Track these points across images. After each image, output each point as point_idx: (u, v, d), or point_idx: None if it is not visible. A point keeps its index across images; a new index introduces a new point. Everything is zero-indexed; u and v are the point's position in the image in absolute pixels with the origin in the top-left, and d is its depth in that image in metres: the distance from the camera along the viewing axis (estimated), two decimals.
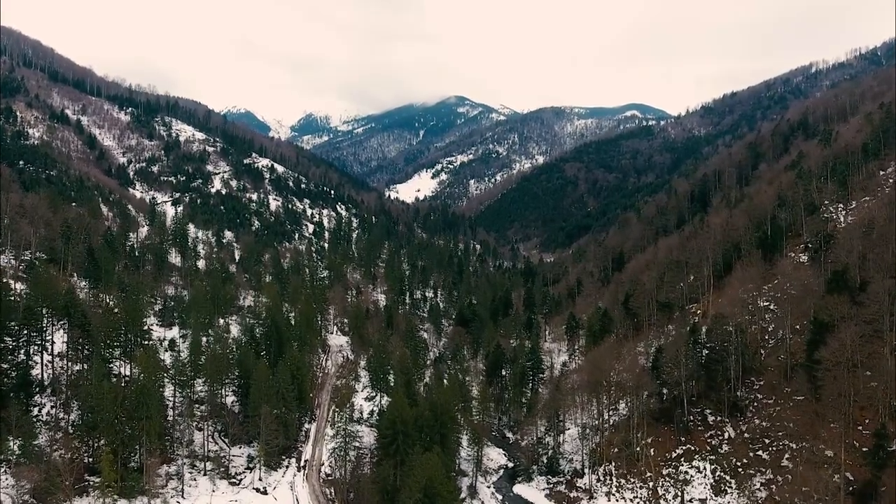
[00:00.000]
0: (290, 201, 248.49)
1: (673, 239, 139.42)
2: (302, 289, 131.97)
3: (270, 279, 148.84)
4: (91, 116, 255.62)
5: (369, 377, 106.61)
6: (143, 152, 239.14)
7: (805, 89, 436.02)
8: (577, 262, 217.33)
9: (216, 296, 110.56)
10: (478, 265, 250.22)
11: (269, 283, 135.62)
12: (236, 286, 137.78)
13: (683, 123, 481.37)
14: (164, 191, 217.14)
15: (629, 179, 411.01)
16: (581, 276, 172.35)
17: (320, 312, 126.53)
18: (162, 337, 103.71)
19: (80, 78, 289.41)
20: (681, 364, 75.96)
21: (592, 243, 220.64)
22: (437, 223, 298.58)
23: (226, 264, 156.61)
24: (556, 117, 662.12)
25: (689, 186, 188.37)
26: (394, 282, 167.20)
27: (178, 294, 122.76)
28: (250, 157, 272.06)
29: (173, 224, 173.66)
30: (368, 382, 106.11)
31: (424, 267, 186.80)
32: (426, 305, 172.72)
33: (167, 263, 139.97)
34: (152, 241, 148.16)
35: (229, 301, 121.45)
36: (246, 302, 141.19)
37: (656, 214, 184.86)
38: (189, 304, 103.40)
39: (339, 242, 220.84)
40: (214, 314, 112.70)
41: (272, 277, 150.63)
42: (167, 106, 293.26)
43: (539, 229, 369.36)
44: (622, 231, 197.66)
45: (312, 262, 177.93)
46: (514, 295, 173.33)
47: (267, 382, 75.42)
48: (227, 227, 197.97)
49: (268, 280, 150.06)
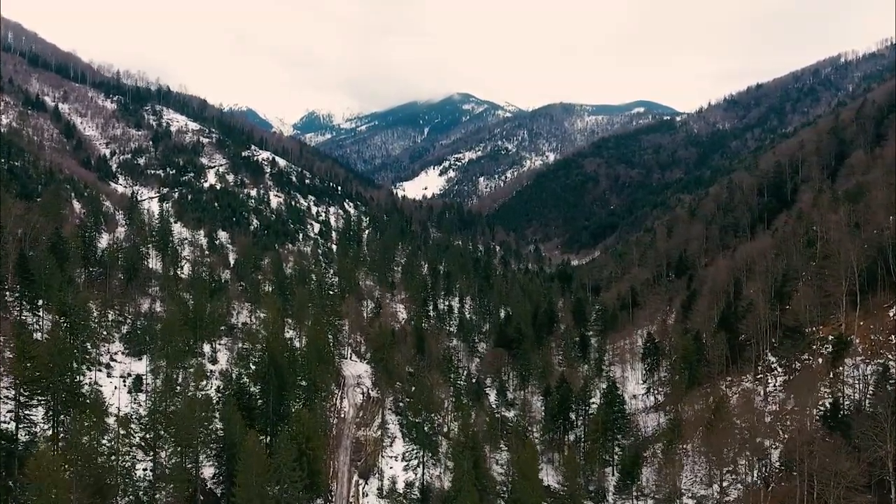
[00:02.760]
0: (294, 198, 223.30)
1: (762, 242, 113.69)
2: (309, 303, 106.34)
3: (270, 289, 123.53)
4: (73, 104, 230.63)
5: (400, 425, 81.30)
6: (129, 143, 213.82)
7: (836, 81, 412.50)
8: (618, 264, 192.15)
9: (200, 315, 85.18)
10: (501, 268, 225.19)
11: (269, 294, 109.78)
12: (228, 299, 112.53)
13: (706, 117, 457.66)
14: (150, 185, 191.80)
15: (653, 175, 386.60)
16: (633, 284, 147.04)
17: (332, 333, 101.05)
18: (126, 372, 78.60)
19: (64, 63, 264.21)
20: (887, 435, 50.22)
21: (635, 245, 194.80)
22: (452, 222, 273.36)
23: (217, 272, 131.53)
24: (566, 113, 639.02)
25: (753, 180, 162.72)
26: (415, 291, 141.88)
27: (151, 311, 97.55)
28: (249, 149, 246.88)
29: (157, 223, 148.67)
30: (399, 431, 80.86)
31: (449, 273, 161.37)
32: (452, 317, 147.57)
33: (144, 271, 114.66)
34: (127, 244, 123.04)
35: (218, 320, 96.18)
36: (240, 318, 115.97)
37: (717, 212, 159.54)
38: (161, 330, 77.82)
39: (348, 243, 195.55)
40: (198, 338, 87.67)
41: (272, 287, 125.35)
42: (158, 94, 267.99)
43: (560, 228, 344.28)
44: (673, 231, 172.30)
45: (319, 267, 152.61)
46: (558, 305, 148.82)
47: (261, 460, 50.19)
48: (222, 227, 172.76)
49: (268, 290, 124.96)
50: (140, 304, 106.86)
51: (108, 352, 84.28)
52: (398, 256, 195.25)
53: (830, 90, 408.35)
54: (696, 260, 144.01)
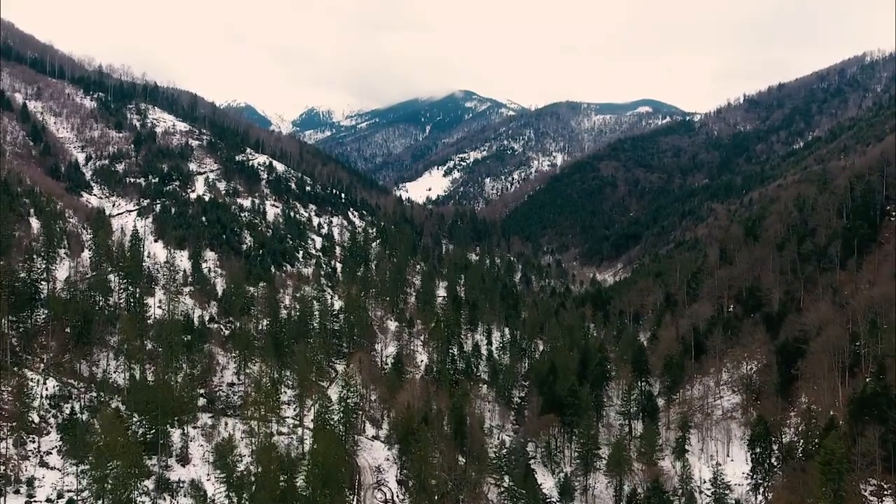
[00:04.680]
0: (293, 207, 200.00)
1: (886, 287, 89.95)
2: (311, 373, 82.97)
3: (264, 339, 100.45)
4: (46, 101, 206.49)
5: None
6: (108, 146, 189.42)
7: (863, 81, 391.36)
8: (659, 286, 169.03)
9: (164, 404, 62.09)
10: (523, 286, 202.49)
11: (264, 390, 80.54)
12: (210, 354, 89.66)
13: (726, 118, 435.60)
14: (128, 196, 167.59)
15: (674, 180, 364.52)
16: (694, 322, 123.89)
17: (344, 412, 77.44)
18: (58, 489, 55.70)
19: (40, 56, 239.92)
20: None
21: (679, 265, 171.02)
22: (465, 232, 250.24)
23: (200, 305, 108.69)
24: (572, 112, 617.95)
25: (829, 198, 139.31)
26: (438, 330, 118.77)
27: (105, 380, 74.58)
28: (244, 152, 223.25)
29: (130, 242, 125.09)
30: None
31: (474, 305, 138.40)
32: (480, 357, 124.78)
33: (105, 313, 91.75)
34: (93, 273, 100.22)
35: (192, 396, 73.19)
36: (226, 374, 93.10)
37: (787, 234, 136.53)
38: (98, 450, 54.46)
39: (355, 261, 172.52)
40: (163, 424, 64.76)
41: (266, 336, 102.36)
42: (144, 91, 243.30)
43: (577, 237, 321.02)
44: (726, 252, 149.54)
45: (323, 303, 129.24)
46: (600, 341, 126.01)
47: None
48: (210, 246, 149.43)
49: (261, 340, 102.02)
50: (98, 360, 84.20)
51: (37, 450, 61.36)
52: (410, 274, 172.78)
53: (858, 91, 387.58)
54: (770, 294, 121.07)
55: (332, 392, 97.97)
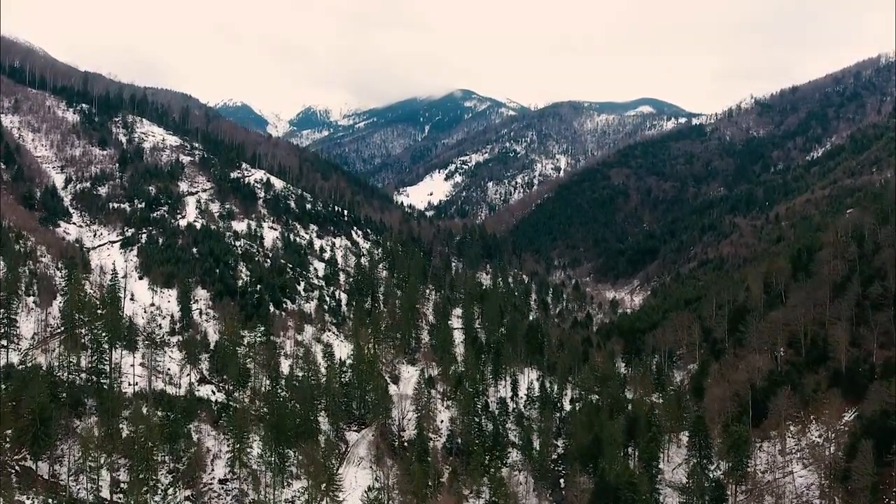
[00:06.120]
0: (292, 229, 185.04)
1: None
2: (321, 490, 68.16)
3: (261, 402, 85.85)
4: (24, 115, 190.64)
5: None
6: (90, 166, 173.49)
7: (879, 84, 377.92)
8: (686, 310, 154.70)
9: None
10: (541, 313, 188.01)
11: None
12: (197, 438, 74.99)
13: (737, 122, 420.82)
14: (111, 224, 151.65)
15: (687, 189, 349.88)
16: (752, 378, 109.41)
17: None
18: None
19: (20, 64, 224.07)
20: None
21: (715, 297, 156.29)
22: (475, 250, 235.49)
23: (177, 384, 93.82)
24: (574, 113, 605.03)
25: (891, 232, 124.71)
26: (462, 391, 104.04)
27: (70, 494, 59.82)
28: (239, 168, 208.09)
29: (110, 283, 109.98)
30: None
31: (498, 351, 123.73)
32: (507, 415, 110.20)
33: (64, 407, 76.62)
34: (65, 324, 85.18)
35: None
36: (217, 467, 78.28)
37: (846, 271, 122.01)
38: None
39: (361, 293, 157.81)
40: None
41: (263, 404, 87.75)
42: (132, 102, 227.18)
43: (590, 251, 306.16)
44: (772, 288, 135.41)
45: (329, 353, 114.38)
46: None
47: None
48: (202, 282, 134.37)
49: (259, 405, 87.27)
50: (60, 455, 69.54)
51: None
52: (421, 303, 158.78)
53: (876, 94, 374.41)
54: (837, 346, 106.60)
55: (343, 473, 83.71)
